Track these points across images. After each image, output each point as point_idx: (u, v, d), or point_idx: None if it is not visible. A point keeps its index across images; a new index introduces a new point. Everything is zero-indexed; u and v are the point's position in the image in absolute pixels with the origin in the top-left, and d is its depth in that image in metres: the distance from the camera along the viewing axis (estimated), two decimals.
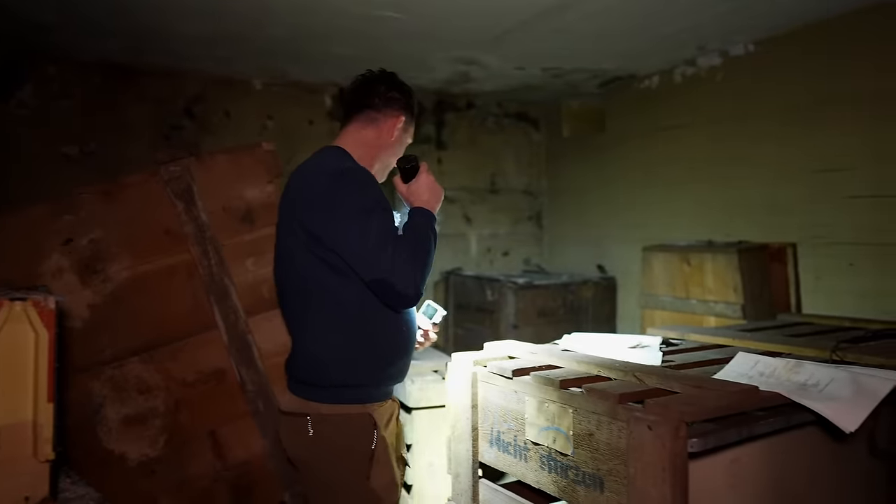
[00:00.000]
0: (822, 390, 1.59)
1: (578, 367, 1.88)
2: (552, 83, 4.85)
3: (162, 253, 2.13)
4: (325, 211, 1.70)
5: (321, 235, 1.71)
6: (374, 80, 1.98)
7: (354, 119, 1.94)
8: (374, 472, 1.76)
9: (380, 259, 1.67)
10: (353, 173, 1.75)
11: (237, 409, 2.17)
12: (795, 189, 3.54)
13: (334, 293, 1.74)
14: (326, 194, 1.70)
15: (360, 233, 1.68)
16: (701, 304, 3.42)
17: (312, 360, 1.78)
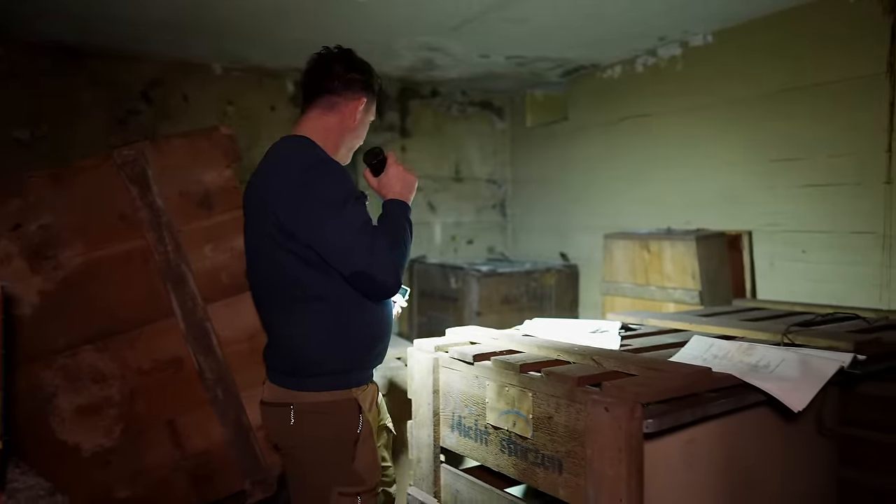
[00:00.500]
0: (772, 371, 1.64)
1: (538, 352, 1.90)
2: (516, 72, 4.86)
3: (116, 239, 2.07)
4: (297, 206, 1.66)
5: (295, 231, 1.67)
6: (330, 60, 1.88)
7: (315, 104, 1.88)
8: (358, 454, 1.77)
9: (357, 252, 1.65)
10: (323, 165, 1.72)
11: (196, 398, 2.13)
12: (752, 178, 3.63)
13: (311, 287, 1.72)
14: (297, 189, 1.67)
15: (336, 228, 1.65)
16: (660, 291, 3.48)
17: (292, 351, 1.76)
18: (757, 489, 1.97)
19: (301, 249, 1.69)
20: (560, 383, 1.62)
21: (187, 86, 4.55)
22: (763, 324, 2.37)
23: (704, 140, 3.93)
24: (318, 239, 1.66)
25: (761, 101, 3.58)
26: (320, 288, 1.72)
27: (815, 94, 3.30)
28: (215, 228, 2.18)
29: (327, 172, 1.72)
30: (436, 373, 2.07)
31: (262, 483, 2.18)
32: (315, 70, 1.89)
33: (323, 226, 1.65)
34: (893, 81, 2.95)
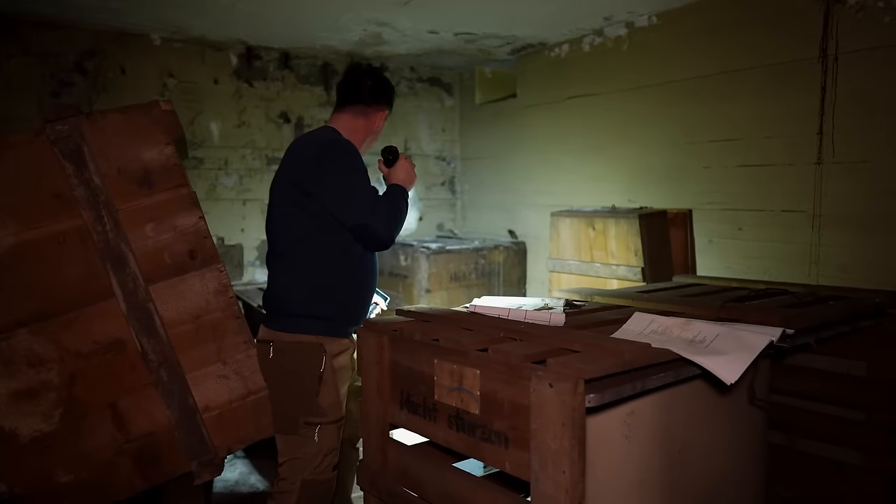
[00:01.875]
0: (707, 346, 1.72)
1: (486, 330, 1.93)
2: (465, 49, 4.84)
3: (51, 218, 1.99)
4: (316, 169, 2.10)
5: (312, 191, 2.10)
6: (364, 75, 2.37)
7: (347, 108, 2.35)
8: (322, 390, 2.17)
9: (363, 207, 2.09)
10: (341, 143, 2.19)
11: (139, 380, 2.09)
12: (692, 158, 3.74)
13: (318, 241, 2.16)
14: (318, 157, 2.12)
15: (347, 186, 2.10)
16: (604, 268, 3.57)
17: (279, 297, 2.21)
18: (693, 458, 2.07)
19: (316, 208, 2.12)
20: (506, 361, 1.66)
21: (124, 57, 4.37)
22: (700, 299, 2.47)
23: (648, 120, 4.02)
24: (331, 195, 2.10)
25: (701, 82, 3.68)
26: (325, 243, 2.16)
27: (752, 77, 3.41)
28: (156, 207, 2.12)
29: (344, 148, 2.18)
30: (384, 352, 2.08)
31: (210, 464, 2.16)
32: (350, 81, 2.38)
33: (337, 184, 2.09)
34: (825, 66, 3.07)
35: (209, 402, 2.19)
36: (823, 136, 3.10)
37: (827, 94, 3.07)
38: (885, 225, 2.91)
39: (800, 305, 2.46)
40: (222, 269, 2.20)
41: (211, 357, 2.20)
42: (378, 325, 2.17)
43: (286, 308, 2.20)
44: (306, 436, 2.17)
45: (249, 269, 4.92)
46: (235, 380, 2.23)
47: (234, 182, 4.83)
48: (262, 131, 4.91)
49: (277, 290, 2.22)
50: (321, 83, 5.15)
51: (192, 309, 2.16)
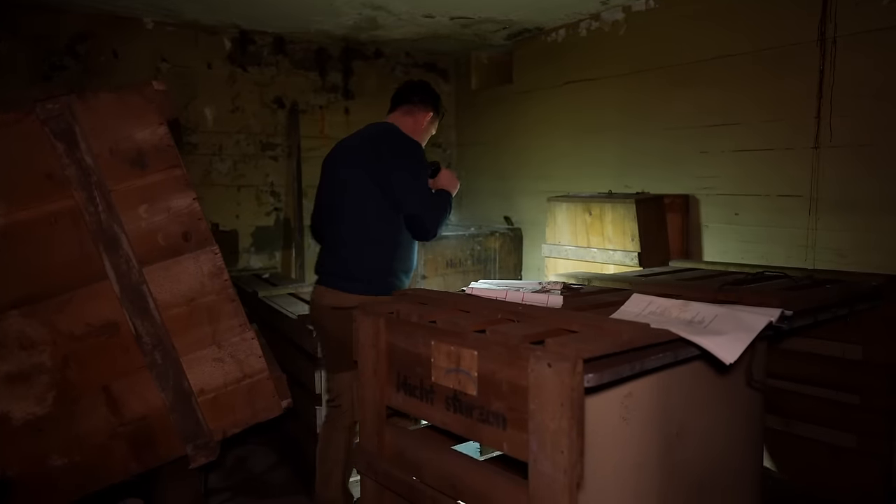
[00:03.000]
0: (706, 326, 1.71)
1: (483, 312, 1.92)
2: (461, 33, 4.80)
3: (42, 199, 1.96)
4: (393, 160, 2.47)
5: (381, 182, 2.46)
6: (414, 84, 2.75)
7: (399, 108, 2.69)
8: None
9: (420, 203, 2.47)
10: (413, 143, 2.57)
11: (133, 363, 2.07)
12: (689, 143, 3.72)
13: (382, 223, 2.49)
14: (394, 152, 2.49)
15: (411, 181, 2.47)
16: (601, 253, 3.56)
17: (367, 264, 2.51)
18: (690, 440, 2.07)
19: (384, 195, 2.46)
20: (504, 341, 1.64)
21: (117, 41, 4.32)
22: (698, 283, 2.46)
23: (645, 105, 3.99)
24: (398, 185, 2.45)
25: (699, 66, 3.65)
26: (387, 226, 2.50)
27: (751, 61, 3.39)
28: (150, 188, 2.10)
29: (415, 147, 2.57)
30: (381, 334, 2.07)
31: (205, 448, 2.15)
32: (404, 88, 2.74)
33: (403, 179, 2.46)
34: (824, 49, 3.05)
35: (204, 385, 2.17)
36: (821, 120, 3.08)
37: (825, 77, 3.05)
38: (883, 209, 2.90)
39: (797, 288, 2.46)
40: (217, 252, 2.18)
41: (206, 340, 2.18)
42: (374, 307, 2.15)
43: (366, 275, 2.51)
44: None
45: (244, 256, 4.89)
46: (231, 363, 2.22)
47: (228, 168, 4.79)
48: (256, 116, 4.87)
49: (352, 259, 2.52)
50: (316, 68, 5.10)
51: (187, 291, 2.14)
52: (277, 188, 5.01)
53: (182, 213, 2.13)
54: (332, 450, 2.60)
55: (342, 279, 2.52)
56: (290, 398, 2.35)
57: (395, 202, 2.46)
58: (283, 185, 5.03)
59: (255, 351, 2.25)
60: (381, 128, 2.61)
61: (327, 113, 5.16)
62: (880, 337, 2.76)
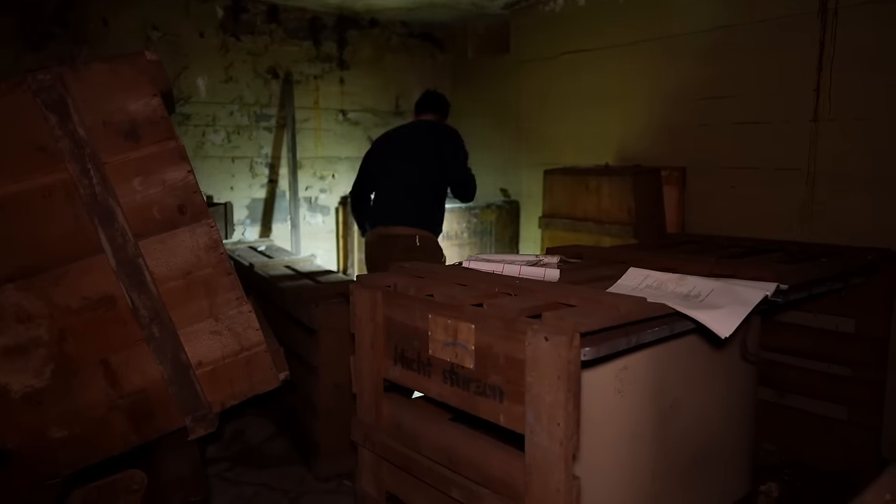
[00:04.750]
0: (702, 300, 1.71)
1: (480, 286, 1.92)
2: (458, 3, 4.73)
3: (35, 171, 1.94)
4: (456, 154, 3.48)
5: (447, 159, 3.45)
6: (436, 94, 3.71)
7: (435, 112, 3.64)
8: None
9: (470, 177, 3.57)
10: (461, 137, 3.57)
11: (130, 336, 2.06)
12: (687, 115, 3.69)
13: (439, 188, 3.51)
14: (454, 142, 3.50)
15: (465, 161, 3.53)
16: (597, 226, 3.56)
17: (425, 213, 3.45)
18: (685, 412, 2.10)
19: (442, 169, 3.46)
20: (502, 315, 1.65)
21: (106, 8, 4.24)
22: (695, 256, 2.46)
23: (643, 76, 3.96)
24: (457, 161, 3.49)
25: (697, 37, 3.61)
26: (439, 192, 3.52)
27: (750, 32, 3.35)
28: (144, 161, 2.07)
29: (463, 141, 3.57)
30: (378, 307, 2.07)
31: (204, 420, 2.16)
32: (439, 98, 3.68)
33: (462, 158, 3.51)
34: (824, 21, 3.02)
35: (202, 357, 2.17)
36: (820, 93, 3.06)
37: (825, 49, 3.02)
38: (880, 184, 2.90)
39: (793, 262, 2.47)
40: (213, 225, 2.16)
41: (203, 313, 2.17)
42: (371, 280, 2.15)
43: (425, 220, 3.45)
44: None
45: (239, 228, 4.87)
46: (228, 336, 2.21)
47: (222, 139, 4.74)
48: (249, 87, 4.80)
49: (420, 210, 3.44)
50: (310, 37, 5.02)
51: (183, 265, 2.13)
52: (272, 159, 4.97)
53: (177, 186, 2.10)
54: None
55: (410, 220, 3.44)
56: (287, 370, 2.36)
57: (449, 175, 3.49)
58: (278, 157, 4.99)
59: (252, 324, 2.24)
60: (437, 125, 3.57)
61: (322, 83, 5.10)
62: (873, 310, 2.79)
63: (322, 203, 5.25)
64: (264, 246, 4.36)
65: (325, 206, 5.27)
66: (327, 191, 5.26)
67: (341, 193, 5.32)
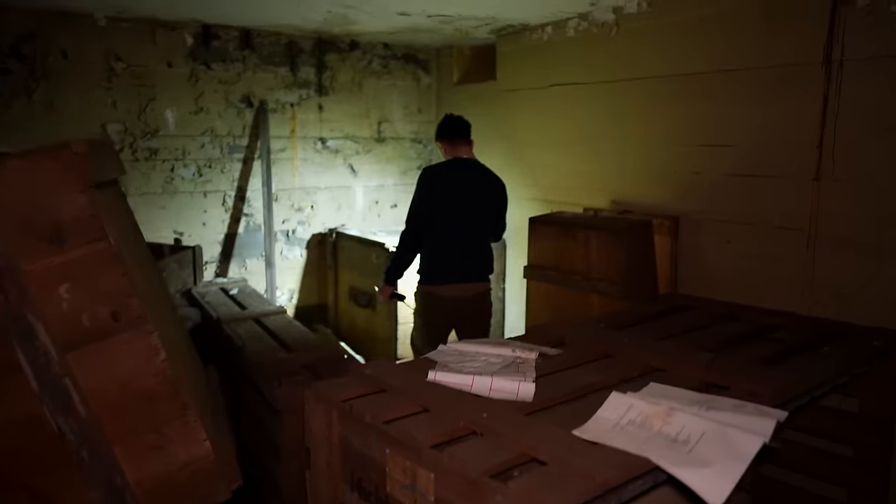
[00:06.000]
0: (691, 450, 1.51)
1: (444, 415, 1.71)
2: (441, 28, 4.49)
3: None
4: (506, 200, 3.58)
5: (503, 210, 3.56)
6: (466, 123, 3.60)
7: (466, 143, 3.57)
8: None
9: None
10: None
11: (57, 460, 1.87)
12: (682, 160, 3.48)
13: (490, 237, 3.57)
14: (501, 188, 3.54)
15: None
16: (585, 282, 3.35)
17: (487, 263, 3.51)
18: None
19: (493, 218, 3.56)
20: (462, 471, 1.45)
21: (66, 40, 3.99)
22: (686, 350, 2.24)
23: (636, 116, 3.74)
24: (504, 221, 3.60)
25: (694, 80, 3.39)
26: (490, 241, 3.57)
27: (749, 79, 3.13)
28: (71, 265, 1.85)
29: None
30: (334, 426, 1.87)
31: None
32: (464, 125, 3.58)
33: (504, 208, 3.58)
34: (829, 73, 2.80)
35: (141, 475, 1.97)
36: (823, 150, 2.85)
37: (829, 103, 2.80)
38: (886, 252, 2.69)
39: (792, 354, 2.27)
40: (151, 331, 1.95)
41: (142, 427, 1.97)
42: (327, 391, 1.94)
43: (487, 270, 3.50)
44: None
45: (212, 265, 4.66)
46: (171, 449, 2.01)
47: (192, 173, 4.51)
48: (222, 117, 4.56)
49: (484, 260, 3.50)
50: (286, 63, 4.78)
51: (119, 376, 1.92)
52: (246, 192, 4.74)
53: (109, 291, 1.89)
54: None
55: (478, 274, 3.46)
56: (239, 480, 2.16)
57: (497, 228, 3.59)
58: (253, 190, 4.76)
59: (198, 435, 2.04)
60: (490, 171, 3.54)
61: (299, 111, 4.86)
62: (879, 391, 2.60)
63: (300, 236, 5.03)
64: (236, 289, 4.14)
65: (304, 239, 5.05)
66: (306, 223, 5.03)
67: (321, 225, 5.10)
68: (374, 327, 4.60)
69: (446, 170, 3.45)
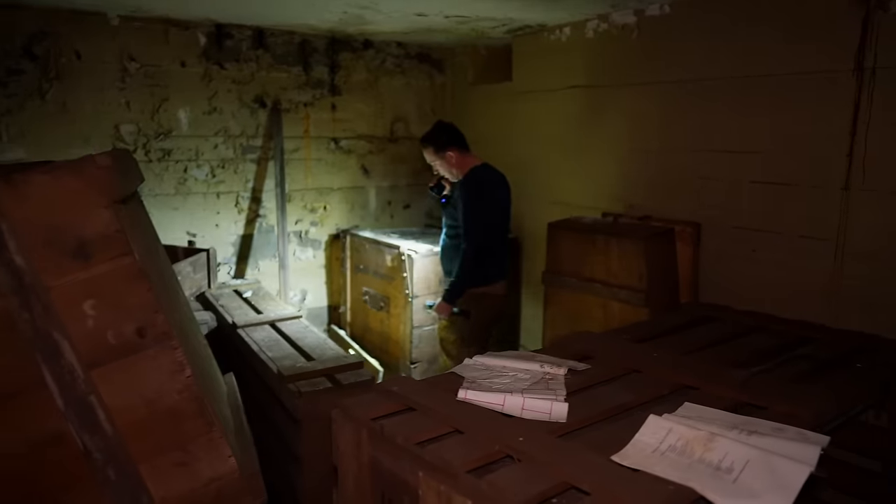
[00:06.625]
0: (735, 479, 1.47)
1: (478, 437, 1.68)
2: (457, 28, 4.43)
3: None
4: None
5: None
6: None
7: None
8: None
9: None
10: None
11: (84, 477, 1.84)
12: (704, 167, 3.43)
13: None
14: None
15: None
16: (605, 289, 3.30)
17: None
18: None
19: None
20: (502, 499, 1.42)
21: (79, 39, 3.94)
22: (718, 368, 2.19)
23: (657, 120, 3.68)
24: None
25: (718, 85, 3.33)
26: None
27: (776, 85, 3.07)
28: (96, 281, 1.81)
29: None
30: (364, 447, 1.84)
31: None
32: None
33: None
34: (861, 80, 2.74)
35: (167, 492, 1.94)
36: (853, 160, 2.79)
37: (860, 112, 2.75)
38: None
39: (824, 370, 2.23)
40: (177, 347, 1.91)
41: (167, 444, 1.94)
42: (355, 410, 1.91)
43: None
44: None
45: (224, 267, 4.62)
46: (196, 466, 1.98)
47: (205, 174, 4.47)
48: (235, 118, 4.52)
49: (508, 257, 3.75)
50: (299, 62, 4.72)
51: (145, 393, 1.88)
52: (260, 193, 4.70)
53: (135, 307, 1.86)
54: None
55: (508, 271, 3.70)
56: (264, 495, 2.13)
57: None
58: (266, 190, 4.72)
59: (223, 451, 2.01)
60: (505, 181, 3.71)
61: (312, 111, 4.81)
62: None
63: (313, 237, 4.99)
64: (250, 291, 4.11)
65: (317, 240, 5.01)
66: (318, 224, 4.99)
67: (333, 226, 5.06)
68: (387, 329, 4.56)
69: (491, 174, 3.60)
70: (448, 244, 3.66)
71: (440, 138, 3.60)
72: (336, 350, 3.13)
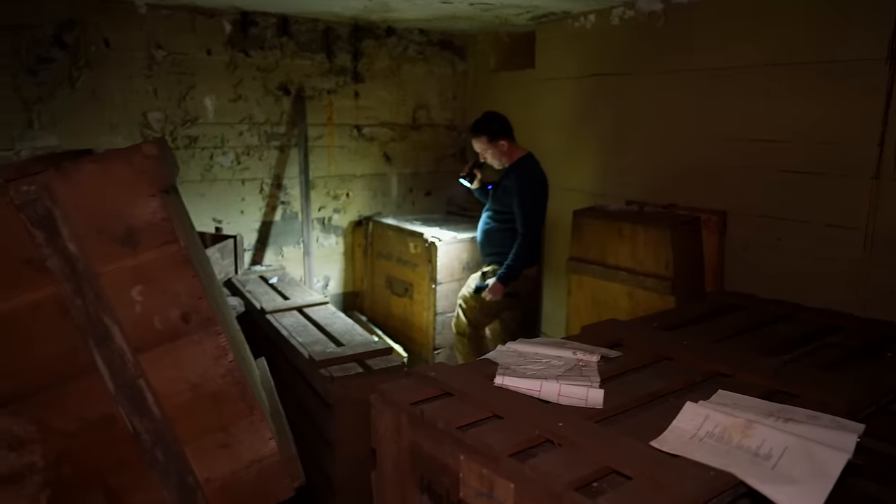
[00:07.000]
0: (774, 466, 1.50)
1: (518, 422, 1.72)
2: (481, 16, 4.42)
3: (23, 288, 1.74)
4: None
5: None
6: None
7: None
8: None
9: None
10: None
11: (132, 458, 1.90)
12: (730, 156, 3.42)
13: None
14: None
15: None
16: (631, 277, 3.33)
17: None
18: None
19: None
20: (546, 482, 1.45)
21: (108, 28, 3.98)
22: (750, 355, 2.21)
23: (682, 109, 3.67)
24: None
25: (745, 73, 3.32)
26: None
27: (805, 73, 3.06)
28: (143, 268, 1.87)
29: None
30: (403, 431, 1.88)
31: None
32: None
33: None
34: (893, 70, 2.72)
35: (210, 473, 2.00)
36: (885, 149, 2.78)
37: (892, 101, 2.74)
38: None
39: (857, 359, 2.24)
40: (220, 332, 1.97)
41: (211, 426, 1.99)
42: (394, 394, 1.95)
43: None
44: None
45: (249, 253, 4.68)
46: (238, 448, 2.04)
47: (231, 161, 4.51)
48: (260, 105, 4.55)
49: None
50: (323, 50, 4.74)
51: (189, 377, 1.94)
52: (284, 180, 4.74)
53: (180, 293, 1.91)
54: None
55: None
56: (302, 477, 2.19)
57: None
58: (290, 177, 4.76)
59: (264, 433, 2.07)
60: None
61: (335, 98, 4.83)
62: None
63: (336, 223, 5.03)
64: (276, 277, 4.17)
65: (339, 227, 5.05)
66: (341, 210, 5.03)
67: (356, 213, 5.10)
68: (410, 316, 4.61)
69: (538, 164, 3.83)
70: (495, 228, 3.79)
71: (493, 128, 3.73)
72: (364, 336, 3.18)
